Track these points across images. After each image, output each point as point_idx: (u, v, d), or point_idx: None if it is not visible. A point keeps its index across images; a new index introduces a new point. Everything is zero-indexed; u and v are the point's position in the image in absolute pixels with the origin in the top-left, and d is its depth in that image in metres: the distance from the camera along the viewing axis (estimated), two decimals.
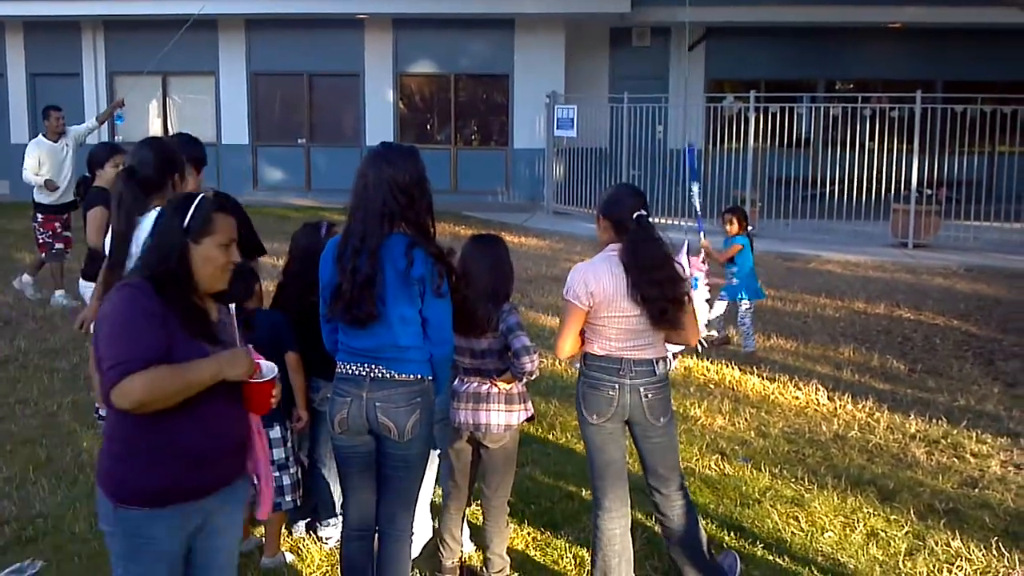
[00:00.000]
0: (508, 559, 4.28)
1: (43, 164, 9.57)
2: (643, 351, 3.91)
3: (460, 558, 4.32)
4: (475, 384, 4.07)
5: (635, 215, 3.87)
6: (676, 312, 3.85)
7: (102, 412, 5.55)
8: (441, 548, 4.30)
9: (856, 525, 4.86)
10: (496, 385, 4.04)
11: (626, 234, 3.87)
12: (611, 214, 3.95)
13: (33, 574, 4.26)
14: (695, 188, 6.18)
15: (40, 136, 9.94)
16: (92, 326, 3.59)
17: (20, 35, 20.66)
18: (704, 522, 4.82)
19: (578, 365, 4.11)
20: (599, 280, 3.84)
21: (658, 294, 3.80)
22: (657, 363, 3.95)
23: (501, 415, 4.05)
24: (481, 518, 4.34)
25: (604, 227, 3.98)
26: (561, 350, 4.00)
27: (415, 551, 4.20)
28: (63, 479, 5.31)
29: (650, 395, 3.92)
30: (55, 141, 9.77)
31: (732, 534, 4.72)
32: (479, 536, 4.39)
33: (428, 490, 4.51)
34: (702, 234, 7.13)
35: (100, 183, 6.02)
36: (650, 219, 3.95)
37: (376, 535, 3.72)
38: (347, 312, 3.45)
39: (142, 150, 3.98)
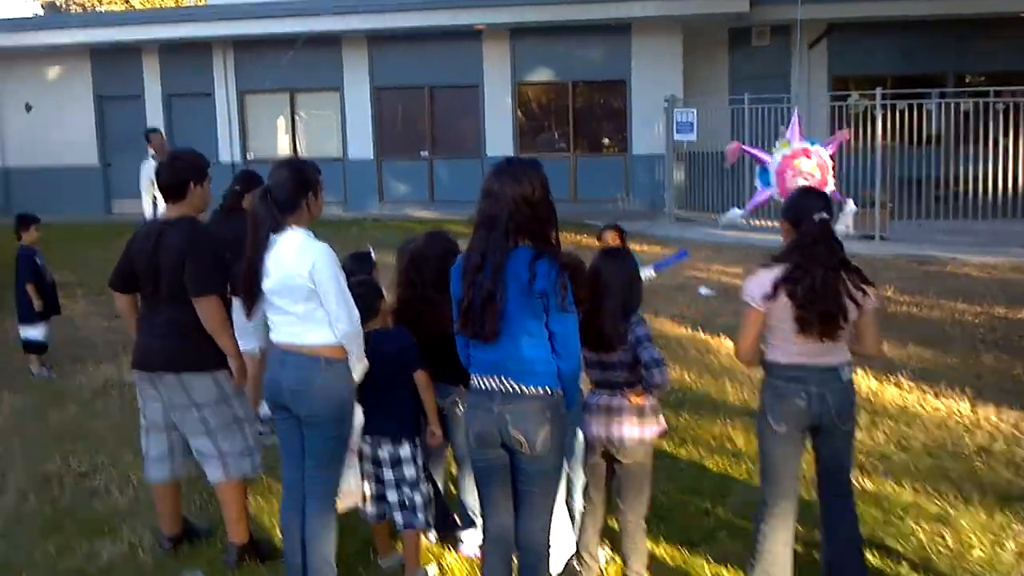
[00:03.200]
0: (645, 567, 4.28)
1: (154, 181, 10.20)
2: (827, 357, 3.90)
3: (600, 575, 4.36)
4: (606, 397, 4.10)
5: (817, 218, 3.87)
6: (841, 320, 3.83)
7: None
8: (579, 565, 4.34)
9: (1006, 542, 4.72)
10: (628, 398, 4.05)
11: (804, 235, 3.87)
12: (791, 217, 3.96)
13: None
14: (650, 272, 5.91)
15: (148, 159, 10.61)
16: None
17: (156, 58, 21.58)
18: None
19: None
20: (776, 284, 3.84)
21: (819, 298, 3.78)
22: (842, 368, 3.95)
23: (635, 429, 4.07)
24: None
25: (786, 230, 3.99)
26: (738, 353, 4.04)
27: (556, 566, 4.26)
28: (215, 495, 5.53)
29: (837, 401, 3.92)
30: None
31: (876, 552, 4.63)
32: (617, 551, 4.42)
33: (563, 506, 4.56)
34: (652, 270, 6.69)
35: (246, 205, 6.25)
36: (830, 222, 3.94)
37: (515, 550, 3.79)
38: (471, 327, 3.54)
39: (278, 171, 4.13)
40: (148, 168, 11.39)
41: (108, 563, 4.80)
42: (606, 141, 20.71)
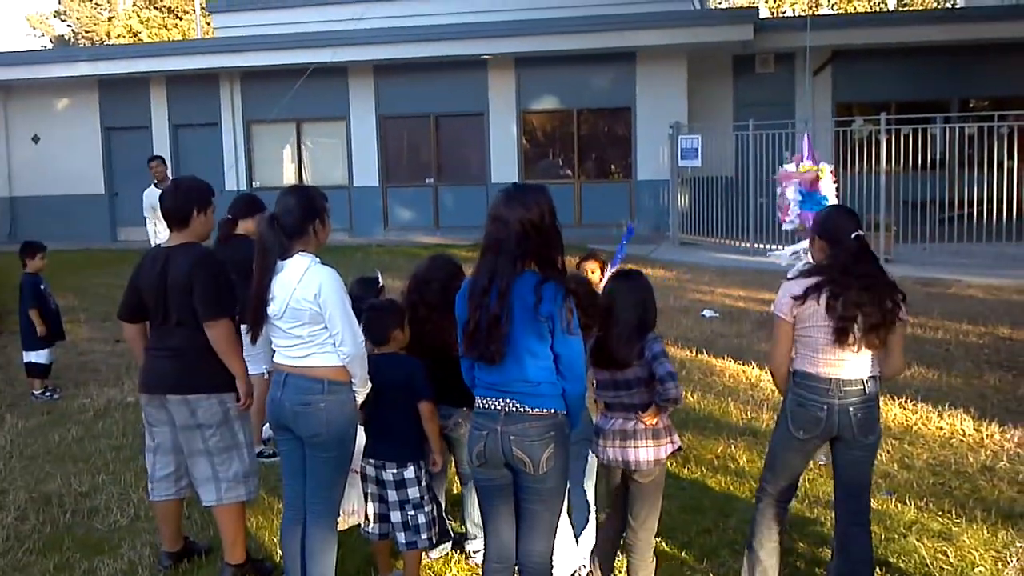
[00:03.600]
0: None
1: (156, 208, 10.38)
2: (854, 370, 3.98)
3: None
4: (620, 421, 4.10)
5: (853, 235, 3.97)
6: (883, 332, 3.92)
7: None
8: (591, 567, 4.38)
9: (1009, 560, 4.69)
10: (642, 421, 4.06)
11: (843, 252, 3.96)
12: (827, 234, 4.06)
13: None
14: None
15: (151, 187, 10.74)
16: None
17: (163, 89, 21.80)
18: None
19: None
20: (808, 295, 3.95)
21: (857, 311, 3.87)
22: (867, 382, 4.01)
23: (650, 451, 4.08)
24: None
25: (819, 247, 4.09)
26: (772, 364, 4.17)
27: None
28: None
29: (860, 414, 3.99)
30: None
31: (879, 569, 4.60)
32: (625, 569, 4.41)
33: (566, 523, 4.55)
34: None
35: (241, 231, 6.28)
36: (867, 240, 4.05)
37: (517, 568, 3.78)
38: (475, 349, 3.56)
39: (286, 197, 4.16)
40: (151, 196, 11.52)
41: None
42: (611, 167, 20.76)
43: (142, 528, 5.42)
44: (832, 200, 6.95)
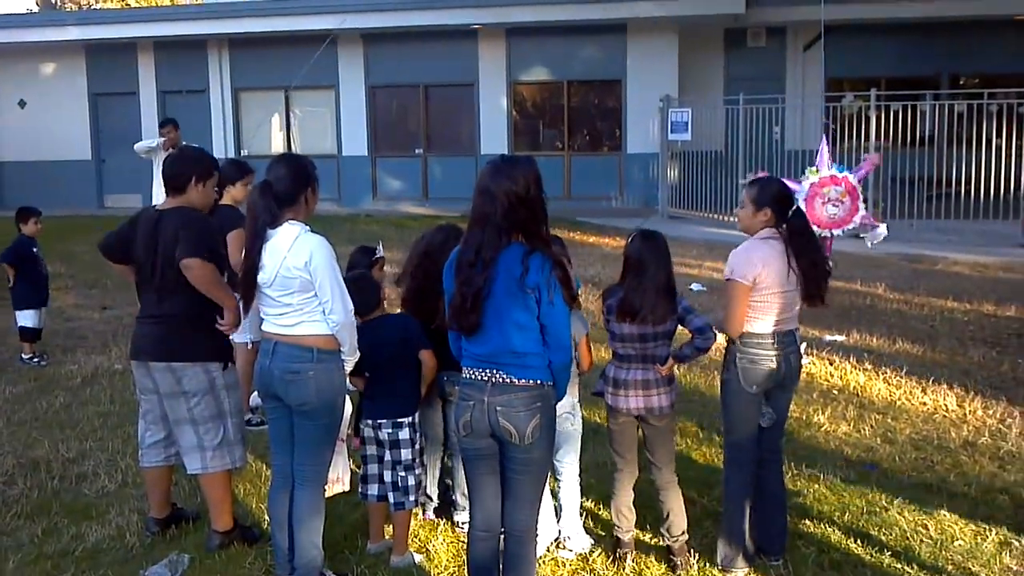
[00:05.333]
0: (686, 519, 4.56)
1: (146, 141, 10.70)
2: (791, 323, 4.42)
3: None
4: (640, 371, 4.43)
5: (795, 206, 4.45)
6: (826, 286, 4.40)
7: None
8: (616, 521, 4.60)
9: (988, 534, 4.75)
10: (660, 372, 4.42)
11: (786, 221, 4.36)
12: (777, 205, 4.37)
13: (184, 570, 4.50)
14: None
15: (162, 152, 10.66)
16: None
17: (151, 55, 21.62)
18: (829, 529, 4.81)
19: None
20: (768, 262, 4.28)
21: (816, 271, 4.32)
22: (797, 331, 4.49)
23: (667, 396, 4.45)
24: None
25: (766, 215, 4.37)
26: (734, 329, 4.37)
27: (540, 551, 4.30)
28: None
29: (793, 358, 4.44)
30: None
31: (858, 542, 4.66)
32: (653, 510, 4.69)
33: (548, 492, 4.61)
34: None
35: (227, 200, 6.23)
36: None
37: (502, 536, 3.82)
38: (456, 320, 3.59)
39: (277, 166, 4.16)
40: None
41: (95, 545, 4.82)
42: (601, 140, 20.73)
43: (130, 494, 5.44)
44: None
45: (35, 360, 8.41)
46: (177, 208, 4.58)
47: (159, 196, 10.02)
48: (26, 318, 8.49)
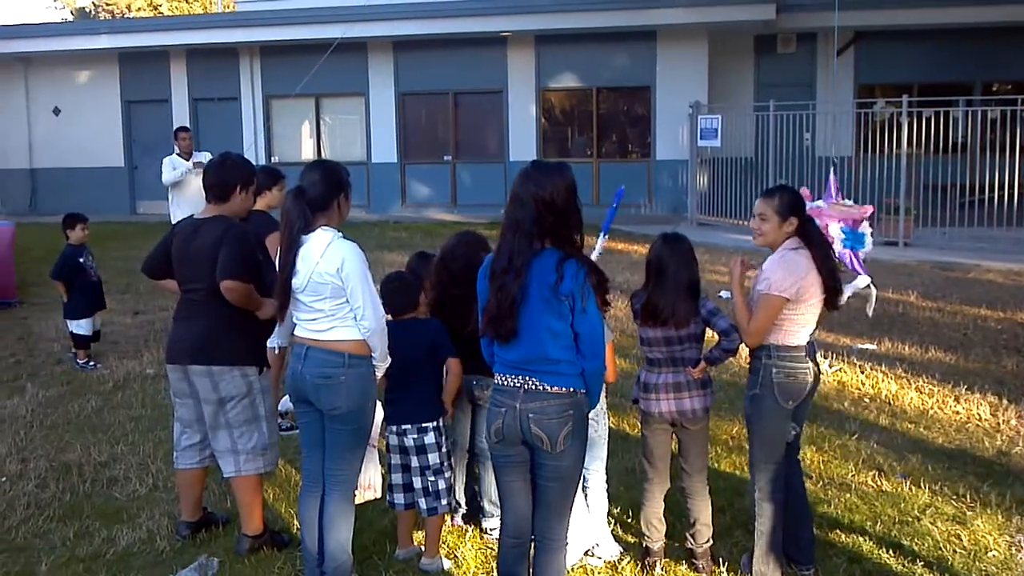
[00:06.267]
0: (712, 528, 4.57)
1: (176, 168, 10.61)
2: (811, 334, 4.37)
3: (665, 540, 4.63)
4: (671, 375, 4.44)
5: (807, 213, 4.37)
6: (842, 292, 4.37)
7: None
8: (646, 531, 4.59)
9: (1022, 545, 4.69)
10: (692, 374, 4.41)
11: (811, 234, 4.31)
12: (803, 213, 4.32)
13: (213, 573, 4.52)
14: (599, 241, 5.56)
15: (175, 155, 10.75)
16: None
17: (183, 62, 21.81)
18: (861, 539, 4.77)
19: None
20: (807, 274, 4.22)
21: (835, 280, 4.29)
22: (815, 343, 4.45)
23: (700, 399, 4.45)
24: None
25: (792, 224, 4.28)
26: (754, 340, 4.32)
27: (571, 560, 4.29)
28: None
29: (816, 370, 4.38)
30: (186, 159, 10.63)
31: (891, 552, 4.62)
32: (680, 515, 4.68)
33: (582, 500, 4.60)
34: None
35: (260, 206, 6.26)
36: None
37: (532, 543, 3.81)
38: (492, 327, 3.57)
39: (311, 172, 4.17)
40: (180, 165, 10.89)
41: (125, 549, 4.85)
42: (630, 147, 20.68)
43: (160, 498, 5.48)
44: (869, 237, 7.23)
45: (91, 364, 8.48)
46: (217, 218, 4.61)
47: (181, 207, 10.24)
48: (79, 326, 8.51)
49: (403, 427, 4.53)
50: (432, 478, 4.54)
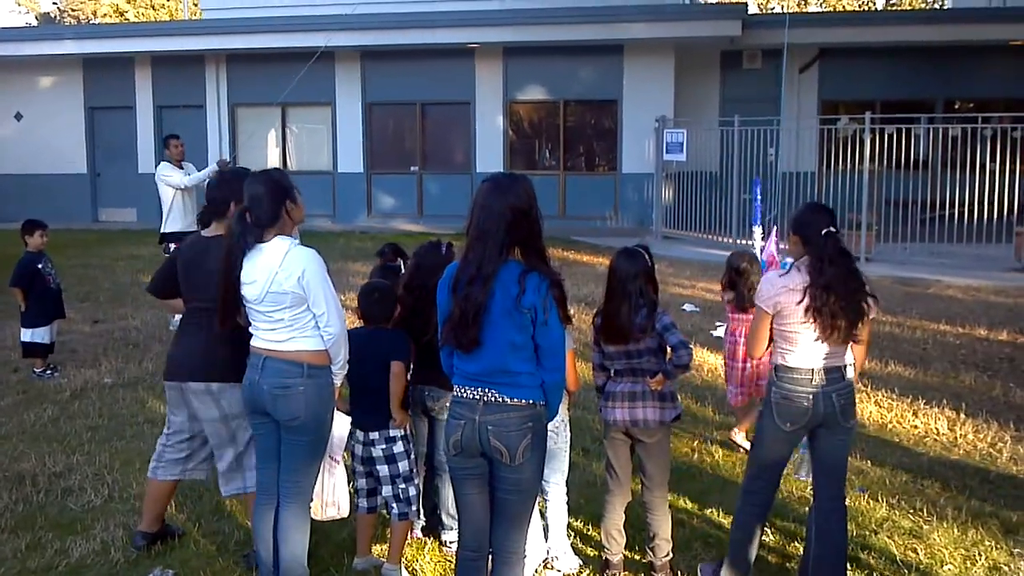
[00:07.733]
0: (671, 542, 4.57)
1: (200, 171, 10.67)
2: (832, 359, 4.13)
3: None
4: (629, 384, 4.47)
5: (824, 232, 4.05)
6: (848, 330, 4.06)
7: None
8: (606, 543, 4.61)
9: (977, 559, 4.74)
10: (650, 386, 4.43)
11: (815, 250, 4.06)
12: (801, 229, 4.14)
13: None
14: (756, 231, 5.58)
15: (167, 163, 10.56)
16: None
17: (148, 69, 21.61)
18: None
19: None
20: (781, 290, 4.10)
21: (834, 309, 4.00)
22: (845, 368, 4.18)
23: (656, 411, 4.44)
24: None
25: (794, 242, 4.18)
26: (749, 349, 4.38)
27: (528, 572, 4.27)
28: (189, 496, 5.53)
29: (842, 400, 4.14)
30: (178, 166, 10.46)
31: (849, 565, 4.63)
32: (641, 528, 4.68)
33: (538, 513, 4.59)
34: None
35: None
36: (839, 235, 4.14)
37: (490, 556, 3.80)
38: (454, 336, 3.55)
39: (252, 186, 4.10)
40: (175, 171, 10.70)
41: (79, 560, 4.78)
42: (596, 160, 20.76)
43: (116, 509, 5.41)
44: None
45: (48, 373, 8.36)
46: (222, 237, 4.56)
47: (179, 222, 10.11)
48: (37, 335, 8.37)
49: (370, 436, 4.51)
50: (403, 485, 4.56)
